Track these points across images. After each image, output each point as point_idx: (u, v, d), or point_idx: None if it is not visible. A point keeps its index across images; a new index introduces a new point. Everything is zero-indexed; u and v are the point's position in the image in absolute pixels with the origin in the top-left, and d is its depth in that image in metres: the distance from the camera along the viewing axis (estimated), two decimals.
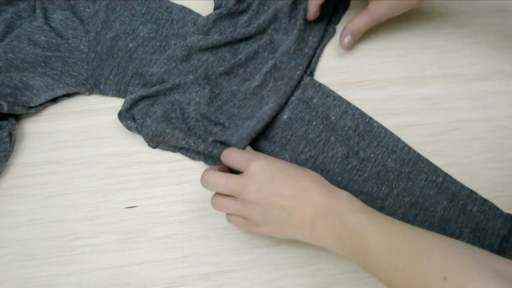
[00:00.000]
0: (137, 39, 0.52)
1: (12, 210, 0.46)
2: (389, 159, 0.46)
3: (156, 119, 0.47)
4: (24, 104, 0.49)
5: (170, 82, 0.48)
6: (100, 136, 0.50)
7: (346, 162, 0.47)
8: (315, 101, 0.49)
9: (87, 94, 0.51)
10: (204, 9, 0.54)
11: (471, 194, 0.45)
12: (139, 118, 0.48)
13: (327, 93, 0.49)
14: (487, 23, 0.54)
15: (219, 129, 0.47)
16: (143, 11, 0.53)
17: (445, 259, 0.31)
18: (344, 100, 0.49)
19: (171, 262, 0.44)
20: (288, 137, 0.48)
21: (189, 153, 0.48)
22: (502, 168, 0.47)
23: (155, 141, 0.48)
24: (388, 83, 0.51)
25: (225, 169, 0.43)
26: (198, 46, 0.50)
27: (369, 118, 0.48)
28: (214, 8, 0.54)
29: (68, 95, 0.51)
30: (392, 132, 0.48)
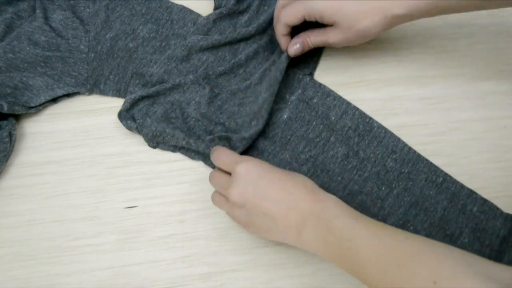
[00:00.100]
0: (137, 39, 0.52)
1: (12, 210, 0.46)
2: (389, 159, 0.46)
3: (156, 119, 0.47)
4: (24, 104, 0.49)
5: (170, 82, 0.48)
6: (100, 136, 0.50)
7: (346, 162, 0.47)
8: (315, 101, 0.49)
9: (87, 94, 0.51)
10: (204, 9, 0.54)
11: (471, 194, 0.45)
12: (139, 118, 0.48)
13: (327, 93, 0.49)
14: (487, 23, 0.54)
15: (219, 129, 0.47)
16: (143, 11, 0.53)
17: (435, 263, 0.30)
18: (344, 100, 0.49)
19: (171, 262, 0.44)
20: (288, 137, 0.48)
21: (189, 153, 0.48)
22: (502, 168, 0.47)
23: (155, 141, 0.48)
24: (388, 83, 0.51)
25: None
26: (198, 46, 0.50)
27: (369, 118, 0.48)
28: (214, 8, 0.54)
29: (68, 95, 0.51)
30: (392, 132, 0.48)
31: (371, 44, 0.53)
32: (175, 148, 0.48)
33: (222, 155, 0.42)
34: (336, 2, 0.43)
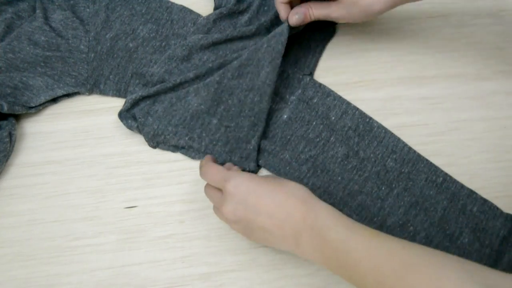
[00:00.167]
0: (137, 39, 0.52)
1: (12, 210, 0.46)
2: (389, 159, 0.46)
3: (158, 118, 0.47)
4: (24, 104, 0.49)
5: (171, 82, 0.48)
6: (100, 136, 0.50)
7: (346, 162, 0.47)
8: (315, 101, 0.49)
9: (87, 94, 0.51)
10: (204, 9, 0.54)
11: (471, 194, 0.45)
12: (141, 117, 0.48)
13: (327, 93, 0.49)
14: (487, 23, 0.54)
15: (222, 108, 0.47)
16: (143, 11, 0.53)
17: (434, 275, 0.30)
18: (344, 100, 0.49)
19: (171, 262, 0.44)
20: (288, 137, 0.48)
21: (189, 153, 0.48)
22: (502, 168, 0.47)
23: (156, 141, 0.48)
24: (388, 83, 0.51)
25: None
26: (199, 45, 0.50)
27: (369, 118, 0.48)
28: (214, 8, 0.54)
29: (68, 95, 0.51)
30: (392, 132, 0.48)
31: (371, 44, 0.53)
32: (175, 148, 0.48)
33: (210, 171, 0.41)
34: None
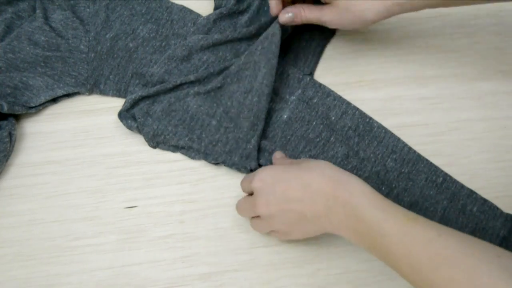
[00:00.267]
0: (137, 39, 0.52)
1: (12, 210, 0.46)
2: (389, 159, 0.46)
3: (157, 118, 0.47)
4: (24, 104, 0.49)
5: (171, 82, 0.48)
6: (100, 136, 0.50)
7: (346, 162, 0.47)
8: (315, 101, 0.49)
9: (87, 94, 0.51)
10: (204, 9, 0.54)
11: (471, 194, 0.45)
12: (140, 117, 0.48)
13: (327, 93, 0.49)
14: (487, 23, 0.54)
15: (222, 110, 0.47)
16: (143, 11, 0.53)
17: (470, 269, 0.30)
18: (344, 100, 0.49)
19: (171, 262, 0.44)
20: (288, 137, 0.48)
21: (189, 153, 0.48)
22: (502, 168, 0.47)
23: (155, 141, 0.48)
24: (388, 83, 0.51)
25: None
26: (199, 46, 0.50)
27: (369, 118, 0.48)
28: (214, 8, 0.54)
29: (68, 95, 0.51)
30: (392, 132, 0.48)
31: (371, 44, 0.53)
32: (175, 148, 0.48)
33: (242, 183, 0.43)
34: None
